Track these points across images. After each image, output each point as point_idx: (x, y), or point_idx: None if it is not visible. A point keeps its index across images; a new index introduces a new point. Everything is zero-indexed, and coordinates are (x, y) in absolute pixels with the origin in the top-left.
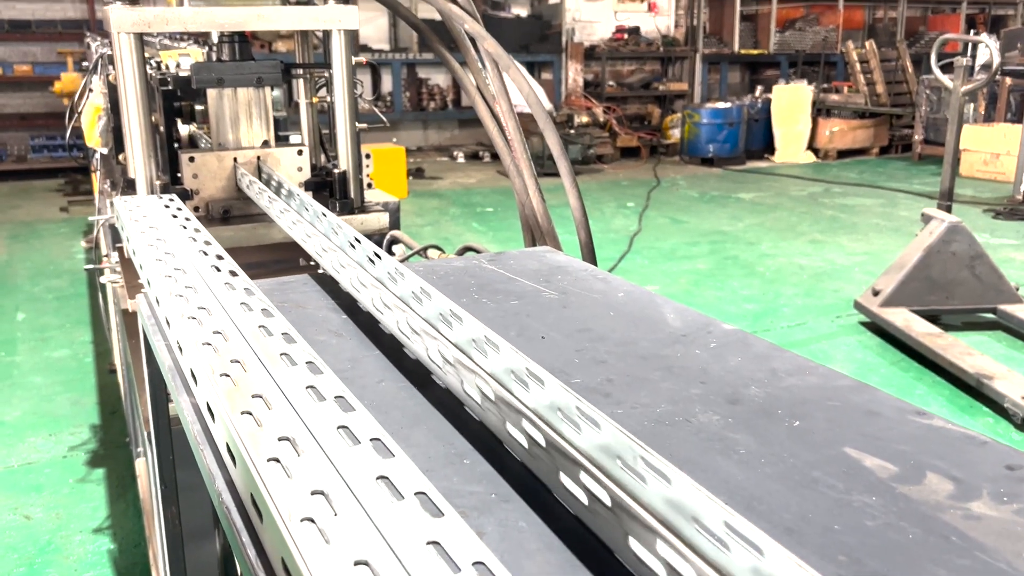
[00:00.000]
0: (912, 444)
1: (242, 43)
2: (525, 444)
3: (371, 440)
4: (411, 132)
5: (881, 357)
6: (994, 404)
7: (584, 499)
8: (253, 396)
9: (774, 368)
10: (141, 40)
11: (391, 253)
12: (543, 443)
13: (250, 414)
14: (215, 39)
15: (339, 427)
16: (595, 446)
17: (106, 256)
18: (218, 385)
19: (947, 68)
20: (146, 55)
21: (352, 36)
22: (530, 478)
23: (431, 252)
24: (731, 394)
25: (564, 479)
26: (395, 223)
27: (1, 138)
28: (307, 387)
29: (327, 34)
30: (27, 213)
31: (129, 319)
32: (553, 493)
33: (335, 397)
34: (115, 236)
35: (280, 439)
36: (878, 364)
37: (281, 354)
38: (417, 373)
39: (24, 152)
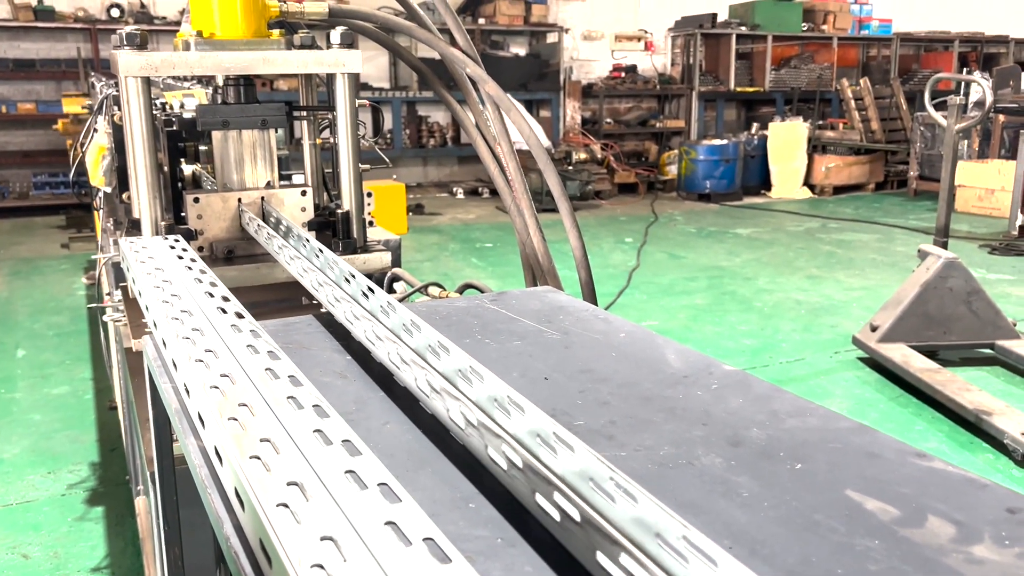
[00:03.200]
0: (913, 487)
1: (247, 86)
2: (557, 517)
3: (378, 485)
4: (411, 168)
5: (880, 393)
6: (994, 440)
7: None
8: (261, 440)
9: (775, 410)
10: (148, 84)
11: (392, 291)
12: (578, 518)
13: (258, 458)
14: (220, 81)
15: (346, 471)
16: (630, 519)
17: (108, 295)
18: (226, 429)
19: (941, 106)
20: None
21: (355, 79)
22: (535, 523)
23: (432, 289)
24: (733, 436)
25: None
26: (396, 260)
27: (4, 175)
28: (314, 431)
29: (331, 77)
30: (29, 250)
31: (132, 358)
32: (557, 538)
33: (342, 441)
34: (118, 274)
35: (289, 484)
36: (877, 400)
37: (288, 397)
38: (421, 416)
39: (26, 189)
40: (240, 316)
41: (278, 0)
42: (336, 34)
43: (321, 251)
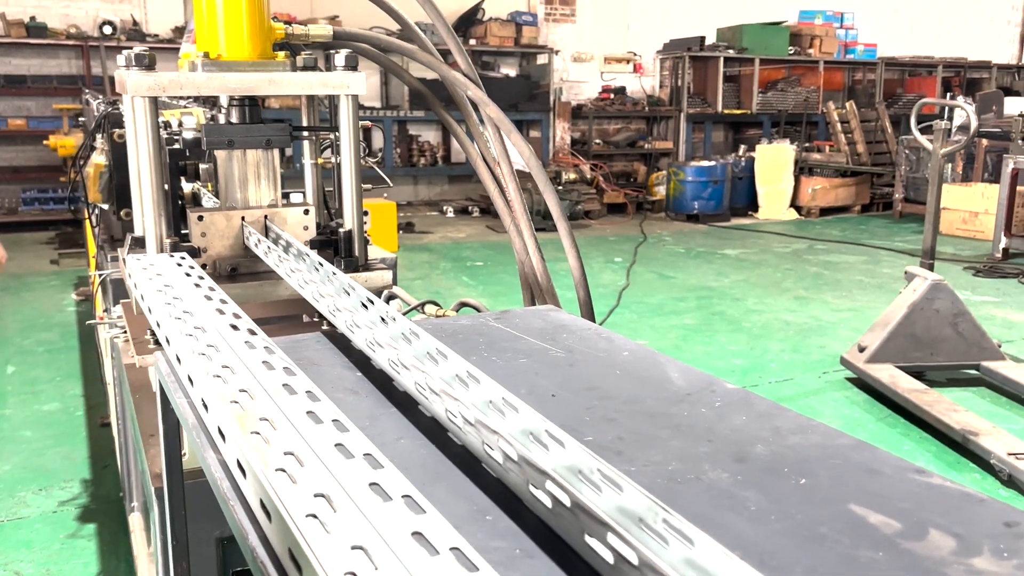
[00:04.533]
0: (913, 501)
1: (252, 106)
2: (549, 504)
3: (402, 497)
4: (401, 187)
5: (868, 413)
6: (980, 460)
7: (610, 558)
8: (285, 453)
9: (777, 427)
10: (156, 103)
11: None
12: (568, 503)
13: (284, 471)
14: (224, 102)
15: (371, 484)
16: (616, 507)
17: (105, 311)
18: (249, 442)
19: (926, 130)
20: None
21: (358, 100)
22: (552, 534)
23: (428, 307)
24: (738, 452)
25: (589, 540)
26: (392, 278)
27: None
28: (336, 444)
29: (333, 98)
30: (18, 266)
31: (134, 374)
32: (575, 549)
33: (364, 455)
34: (117, 291)
35: (316, 495)
36: (865, 420)
37: (307, 412)
38: (433, 430)
39: (16, 205)
40: (253, 333)
41: (283, 23)
42: (341, 56)
43: (334, 274)
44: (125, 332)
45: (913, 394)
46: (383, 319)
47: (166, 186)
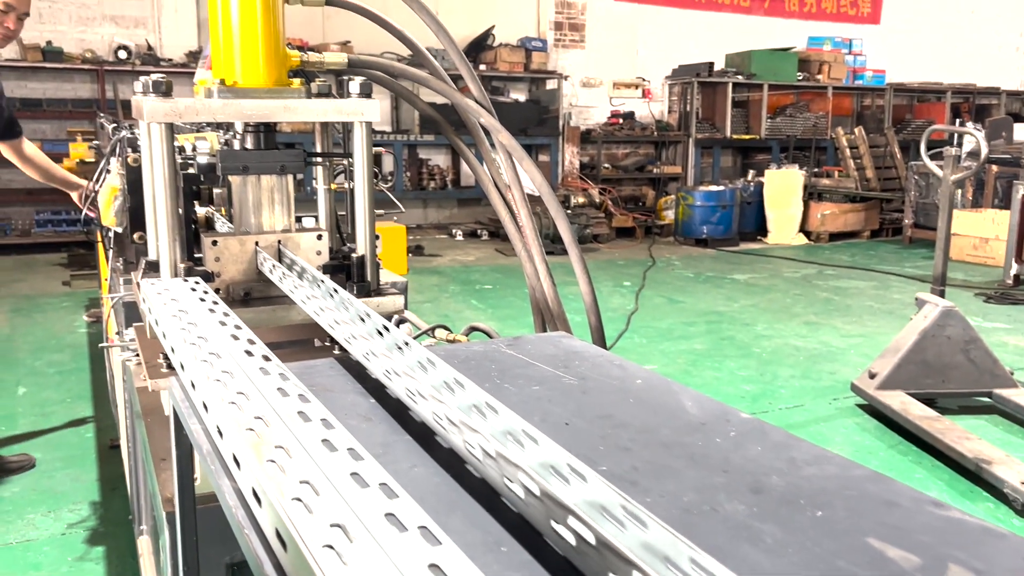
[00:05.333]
0: (932, 535)
1: (267, 132)
2: (573, 541)
3: (418, 528)
4: (411, 210)
5: (879, 440)
6: (993, 489)
7: None
8: (301, 482)
9: (793, 457)
10: (172, 129)
11: None
12: (592, 540)
13: (300, 500)
14: (239, 128)
15: (386, 514)
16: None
17: (118, 333)
18: (264, 471)
19: (936, 156)
20: None
21: (372, 127)
22: (569, 566)
23: (439, 332)
24: (753, 483)
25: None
26: (404, 303)
27: (7, 212)
28: (351, 474)
29: (347, 124)
30: (30, 287)
31: (146, 397)
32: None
33: (379, 484)
34: (129, 314)
35: (332, 525)
36: (876, 447)
37: (322, 440)
38: (448, 458)
39: (29, 226)
40: (267, 359)
41: (297, 48)
42: (355, 84)
43: (350, 302)
44: (137, 355)
45: (925, 421)
46: (399, 347)
47: (180, 210)
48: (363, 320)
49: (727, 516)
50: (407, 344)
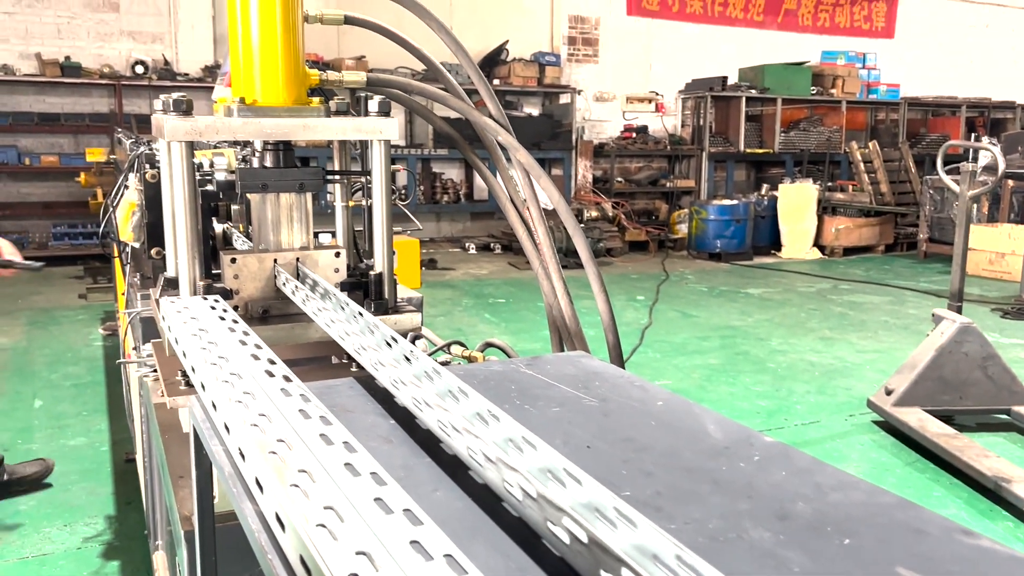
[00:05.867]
0: (963, 565)
1: (286, 150)
2: None
3: (444, 556)
4: (424, 224)
5: (896, 457)
6: (1013, 508)
7: None
8: (325, 508)
9: (818, 483)
10: (192, 147)
11: None
12: None
13: (324, 527)
14: (258, 146)
15: (411, 541)
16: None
17: (134, 348)
18: (288, 496)
19: (951, 171)
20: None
21: (390, 144)
22: None
23: (455, 348)
24: (779, 509)
25: None
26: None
27: (25, 226)
28: (375, 499)
29: (366, 143)
30: (46, 300)
31: (163, 413)
32: None
33: (403, 510)
34: (147, 329)
35: (357, 553)
36: (893, 464)
37: (345, 464)
38: (468, 482)
39: (46, 239)
40: (288, 379)
41: (314, 63)
42: (374, 103)
43: (361, 314)
44: (155, 371)
45: (942, 439)
46: (428, 375)
47: (199, 227)
48: (389, 345)
49: (753, 544)
50: (437, 372)
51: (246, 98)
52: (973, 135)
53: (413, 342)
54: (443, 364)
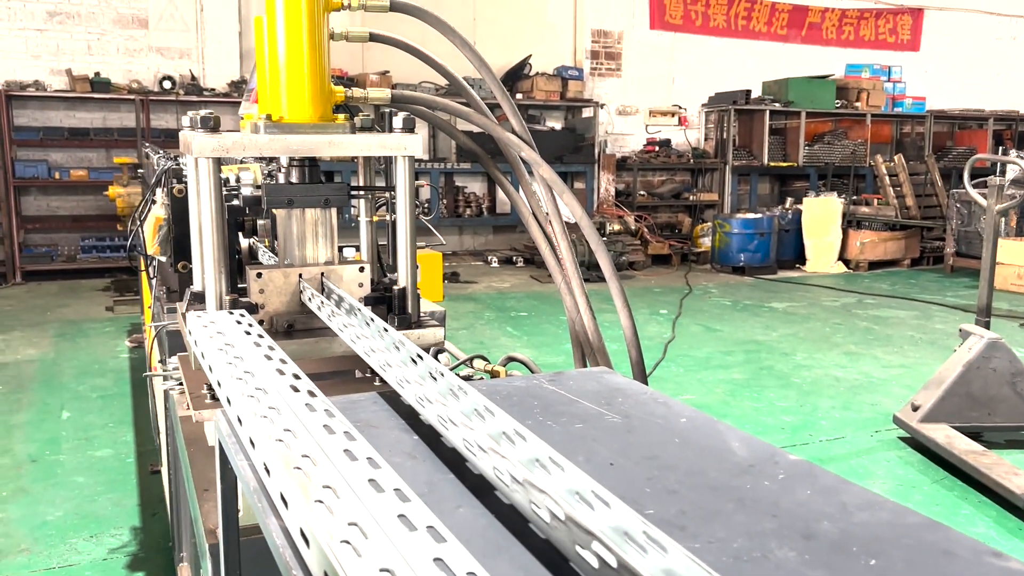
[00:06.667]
0: None
1: (312, 166)
2: None
3: (467, 574)
4: (447, 237)
5: (923, 474)
6: None
7: None
8: (349, 524)
9: (844, 502)
10: (219, 164)
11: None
12: None
13: (348, 543)
14: (284, 162)
15: (435, 559)
16: None
17: (160, 361)
18: (313, 512)
19: (979, 184)
20: None
21: (414, 160)
22: None
23: (477, 362)
24: (804, 529)
25: None
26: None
27: (54, 239)
28: (398, 516)
29: (390, 159)
30: (74, 312)
31: (188, 427)
32: None
33: (427, 527)
34: (173, 342)
35: (381, 570)
36: (920, 481)
37: (368, 480)
38: (494, 500)
39: (74, 252)
40: (312, 395)
41: (339, 79)
42: (399, 119)
43: (386, 330)
44: (181, 384)
45: (971, 456)
46: (454, 393)
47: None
48: (415, 362)
49: (779, 564)
50: (463, 391)
51: (272, 115)
52: (1000, 148)
53: (436, 356)
54: (465, 379)
